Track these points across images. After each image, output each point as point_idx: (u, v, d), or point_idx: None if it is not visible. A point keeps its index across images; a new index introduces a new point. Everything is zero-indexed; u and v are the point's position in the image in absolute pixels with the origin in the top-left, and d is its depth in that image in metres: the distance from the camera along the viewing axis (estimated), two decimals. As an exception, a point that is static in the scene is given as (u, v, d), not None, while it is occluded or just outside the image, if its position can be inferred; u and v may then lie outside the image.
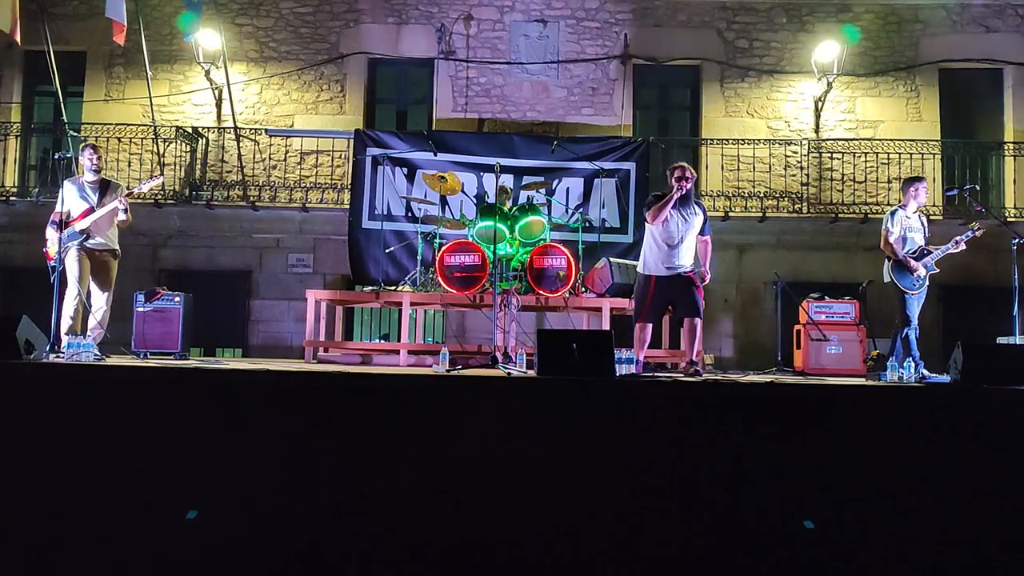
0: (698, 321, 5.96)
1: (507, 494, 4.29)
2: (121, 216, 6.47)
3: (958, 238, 6.40)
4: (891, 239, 6.41)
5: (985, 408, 4.48)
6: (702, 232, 6.07)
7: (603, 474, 4.34)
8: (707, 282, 6.12)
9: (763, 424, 4.43)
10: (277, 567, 4.23)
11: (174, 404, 4.49)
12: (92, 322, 6.40)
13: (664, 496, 4.33)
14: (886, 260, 6.46)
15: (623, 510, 4.30)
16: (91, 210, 6.37)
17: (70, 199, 6.38)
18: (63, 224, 6.20)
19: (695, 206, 6.03)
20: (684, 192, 5.84)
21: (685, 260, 5.94)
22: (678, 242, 5.91)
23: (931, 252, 6.39)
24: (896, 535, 4.20)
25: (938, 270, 6.45)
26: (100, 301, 6.48)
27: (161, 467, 4.28)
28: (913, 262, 6.32)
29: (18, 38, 9.12)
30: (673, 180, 5.87)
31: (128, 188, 6.76)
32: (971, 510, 4.22)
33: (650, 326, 6.13)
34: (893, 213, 6.51)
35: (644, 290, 6.04)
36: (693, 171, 6.01)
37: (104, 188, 6.51)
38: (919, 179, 6.65)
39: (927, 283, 6.44)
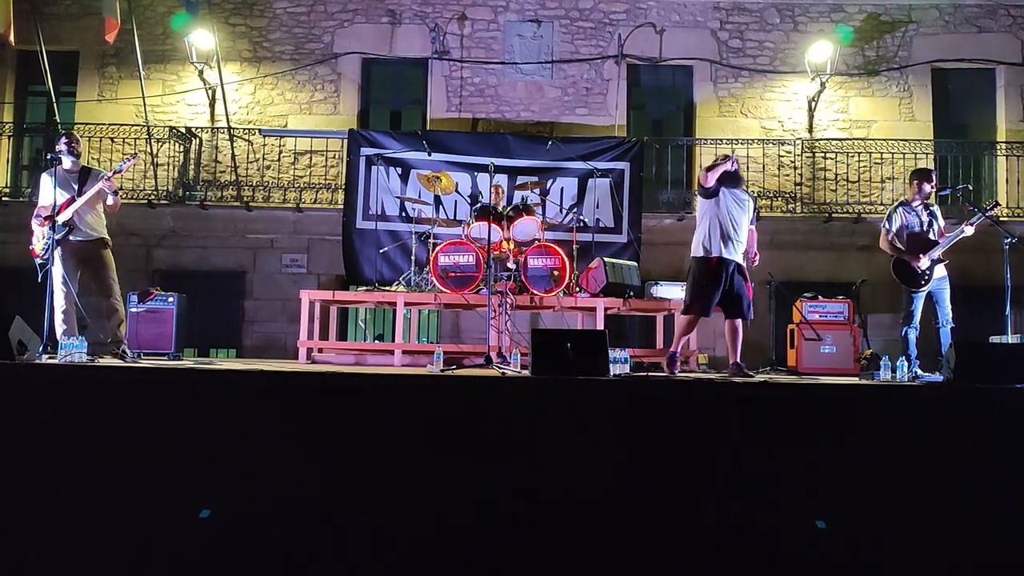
0: (739, 323, 5.92)
1: (502, 493, 4.29)
2: (109, 200, 6.12)
3: (971, 220, 6.33)
4: (888, 237, 6.43)
5: (978, 407, 4.49)
6: (751, 220, 6.06)
7: (598, 474, 4.34)
8: (756, 264, 6.10)
9: (758, 423, 4.43)
10: (271, 567, 4.23)
11: (168, 405, 4.48)
12: (113, 327, 6.14)
13: (661, 495, 4.33)
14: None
15: (620, 510, 4.30)
16: (72, 200, 5.99)
17: (50, 191, 5.93)
18: (52, 219, 5.83)
19: (745, 192, 6.03)
20: (734, 168, 5.79)
21: (740, 247, 5.90)
22: (735, 225, 5.85)
23: (939, 243, 6.30)
24: (892, 534, 4.21)
25: (947, 260, 6.38)
26: (110, 306, 6.16)
27: (156, 468, 4.27)
28: (909, 256, 6.27)
29: (11, 38, 9.10)
30: (721, 158, 5.90)
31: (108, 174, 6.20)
32: (966, 509, 4.23)
33: (698, 320, 6.03)
34: (892, 211, 6.52)
35: (703, 275, 5.83)
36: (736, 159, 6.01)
37: (85, 177, 6.12)
38: (921, 174, 6.57)
39: (943, 276, 6.36)
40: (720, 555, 4.25)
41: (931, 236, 6.36)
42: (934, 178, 6.55)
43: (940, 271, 6.35)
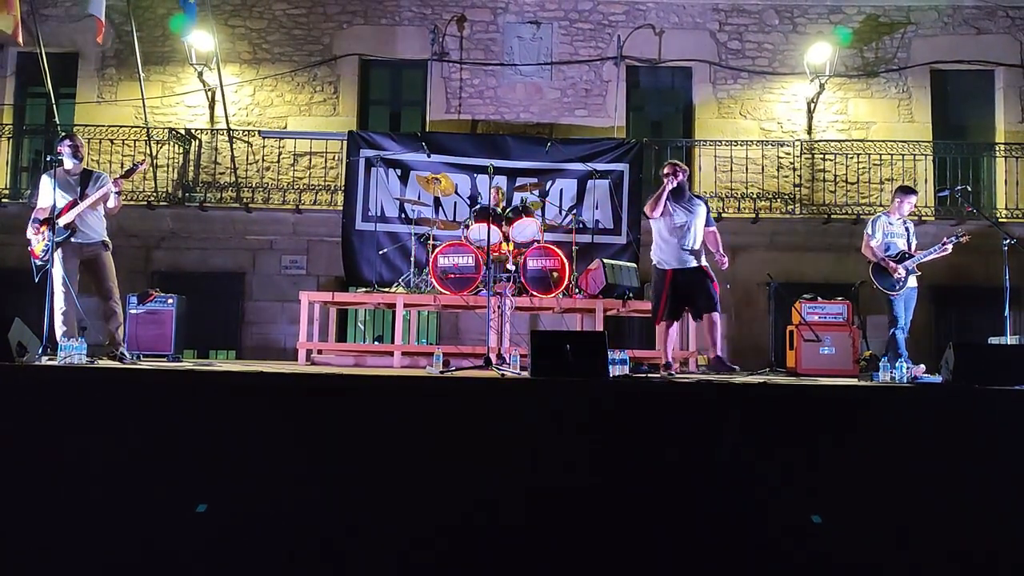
0: (716, 315, 6.10)
1: (502, 494, 4.30)
2: (111, 202, 6.07)
3: (944, 241, 6.66)
4: (871, 243, 6.73)
5: (977, 408, 4.49)
6: (707, 223, 6.21)
7: (598, 474, 4.34)
8: (726, 267, 6.24)
9: (757, 424, 4.44)
10: (271, 568, 4.23)
11: (168, 406, 4.48)
12: (112, 330, 6.14)
13: (660, 495, 4.34)
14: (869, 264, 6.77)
15: (620, 510, 4.30)
16: (74, 203, 5.96)
17: (50, 193, 5.87)
18: (52, 221, 5.80)
19: (695, 199, 6.21)
20: (676, 185, 6.02)
21: (695, 253, 6.09)
22: (685, 234, 6.04)
23: (913, 256, 6.65)
24: (891, 535, 4.21)
25: (919, 272, 6.69)
26: (109, 309, 6.14)
27: (155, 469, 4.27)
28: (892, 264, 6.59)
29: (20, 39, 9.09)
30: (663, 176, 6.11)
31: (115, 177, 6.19)
32: (965, 510, 4.23)
33: (675, 324, 6.20)
34: (876, 219, 6.84)
35: (660, 286, 6.12)
36: (684, 167, 6.23)
37: (86, 179, 6.08)
38: (906, 192, 6.87)
39: (914, 286, 6.71)
40: (720, 555, 4.25)
41: (907, 249, 6.74)
42: (914, 199, 6.90)
43: (912, 281, 6.70)
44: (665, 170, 6.10)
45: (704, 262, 6.18)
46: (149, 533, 4.16)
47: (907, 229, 6.84)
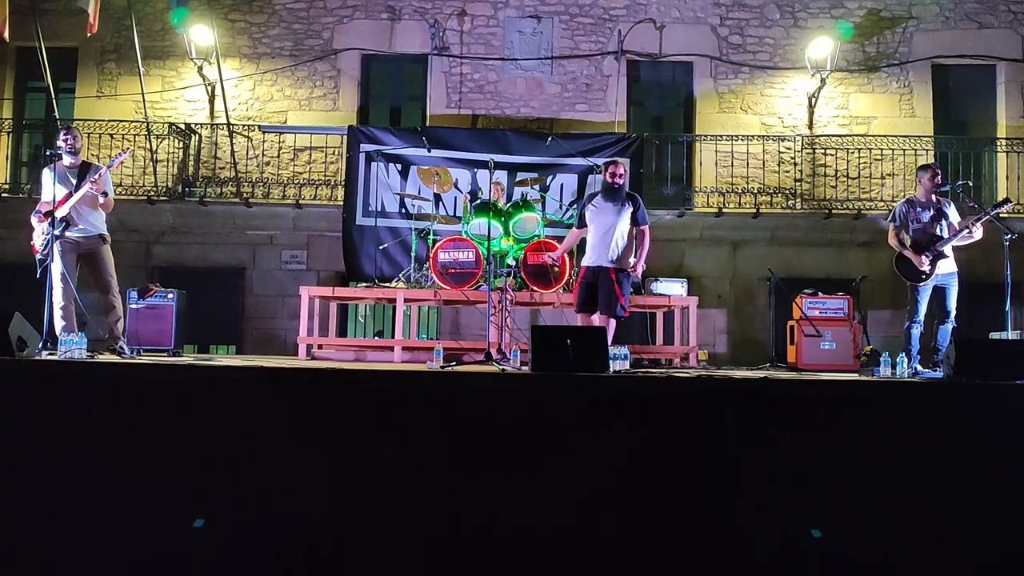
0: (610, 320, 6.15)
1: (504, 491, 4.30)
2: (101, 198, 6.09)
3: (971, 222, 6.23)
4: (895, 232, 6.37)
5: (978, 403, 4.49)
6: (638, 222, 6.30)
7: (598, 470, 4.34)
8: (638, 275, 6.36)
9: (757, 420, 4.44)
10: (272, 566, 4.23)
11: (168, 401, 4.48)
12: (112, 324, 6.16)
13: (661, 492, 4.34)
14: None
15: (619, 507, 4.30)
16: (69, 195, 5.97)
17: (50, 187, 5.96)
18: (52, 214, 5.85)
19: (626, 200, 6.29)
20: (616, 186, 6.25)
21: (609, 253, 6.19)
22: (605, 233, 6.21)
23: (944, 239, 6.23)
24: (890, 533, 4.21)
25: (948, 256, 6.25)
26: (108, 303, 6.18)
27: (156, 465, 4.27)
28: (910, 253, 6.21)
29: (6, 34, 9.06)
30: (607, 176, 6.28)
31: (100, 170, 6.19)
32: (965, 506, 4.23)
33: (591, 316, 6.28)
34: (898, 205, 6.49)
35: (579, 278, 6.42)
36: (625, 168, 6.58)
37: (84, 171, 6.10)
38: (922, 168, 6.51)
39: (951, 272, 6.26)
40: (721, 553, 4.26)
41: (938, 231, 6.29)
42: (936, 171, 6.43)
43: (948, 266, 6.25)
44: (609, 169, 6.30)
45: (616, 265, 6.21)
46: (149, 529, 4.17)
47: (940, 210, 6.32)
